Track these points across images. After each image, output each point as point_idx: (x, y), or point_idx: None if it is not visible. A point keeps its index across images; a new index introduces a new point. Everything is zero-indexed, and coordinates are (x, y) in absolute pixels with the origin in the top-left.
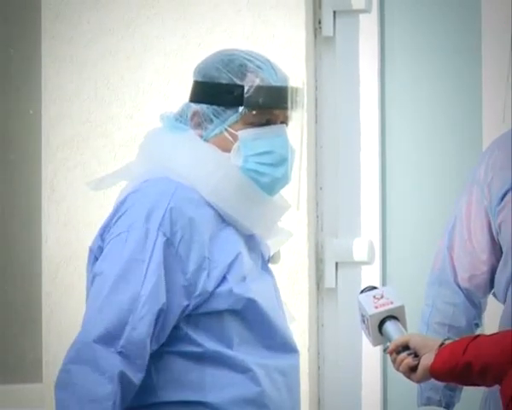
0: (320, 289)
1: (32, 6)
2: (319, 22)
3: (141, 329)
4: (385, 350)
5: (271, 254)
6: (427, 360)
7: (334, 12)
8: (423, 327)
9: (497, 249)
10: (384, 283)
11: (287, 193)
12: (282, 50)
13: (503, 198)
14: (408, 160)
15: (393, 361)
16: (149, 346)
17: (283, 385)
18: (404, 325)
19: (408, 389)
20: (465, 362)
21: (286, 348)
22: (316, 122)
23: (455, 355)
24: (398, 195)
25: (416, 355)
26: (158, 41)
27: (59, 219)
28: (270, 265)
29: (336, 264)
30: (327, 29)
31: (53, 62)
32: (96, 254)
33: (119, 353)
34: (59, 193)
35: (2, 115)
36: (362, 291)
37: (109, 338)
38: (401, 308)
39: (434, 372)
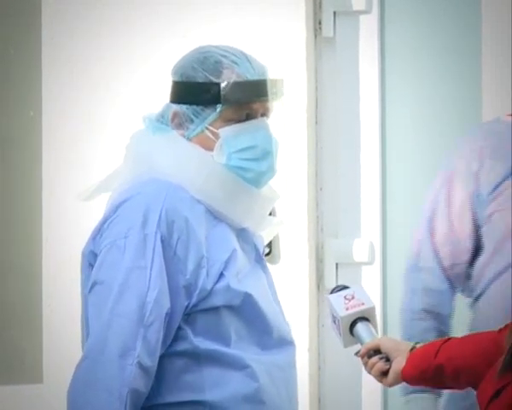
0: (320, 290)
1: (31, 6)
2: (319, 23)
3: (151, 336)
4: (356, 354)
5: (265, 244)
6: (398, 365)
7: (335, 13)
8: (406, 314)
9: (479, 240)
10: (384, 283)
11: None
12: (283, 51)
13: (495, 188)
14: (408, 160)
15: (365, 365)
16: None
17: (281, 380)
18: (375, 327)
19: None
20: (437, 365)
21: (282, 343)
22: (316, 122)
23: (426, 359)
24: (398, 195)
25: (388, 359)
26: (158, 41)
27: (59, 219)
28: (268, 264)
29: (336, 265)
30: (327, 30)
31: (53, 63)
32: (88, 260)
33: (137, 363)
34: (59, 193)
35: (2, 115)
36: (332, 291)
37: (124, 351)
38: (372, 309)
39: (406, 376)
